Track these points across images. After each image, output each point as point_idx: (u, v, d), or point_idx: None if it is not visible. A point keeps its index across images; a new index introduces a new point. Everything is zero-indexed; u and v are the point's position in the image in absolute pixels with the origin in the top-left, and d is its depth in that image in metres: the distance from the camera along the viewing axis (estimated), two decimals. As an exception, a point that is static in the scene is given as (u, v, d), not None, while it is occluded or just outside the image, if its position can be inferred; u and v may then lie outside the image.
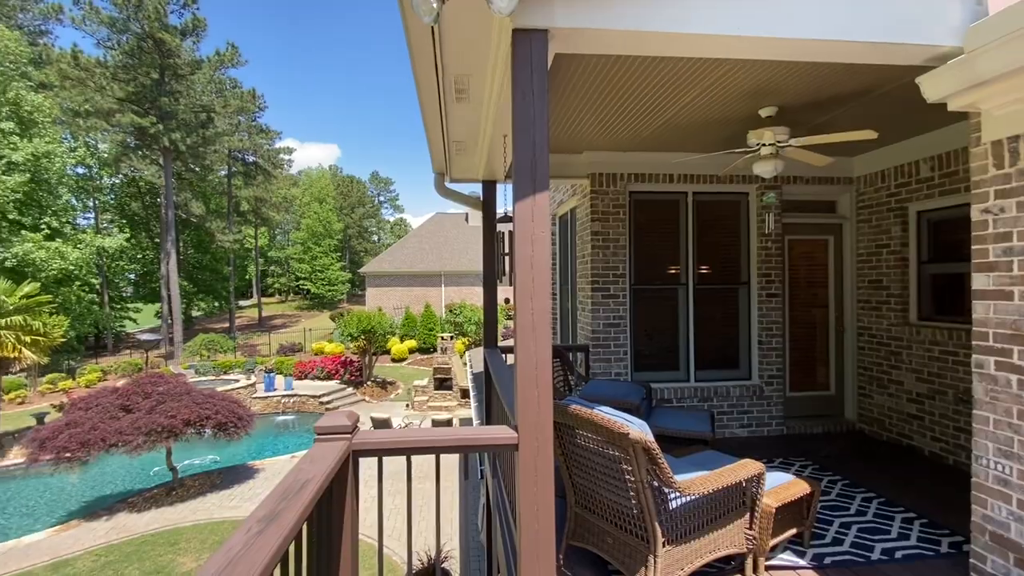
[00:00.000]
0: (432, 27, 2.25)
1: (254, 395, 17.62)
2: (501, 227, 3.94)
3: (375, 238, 73.81)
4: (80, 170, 30.88)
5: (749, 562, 2.56)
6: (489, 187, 4.97)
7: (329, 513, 1.83)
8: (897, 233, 4.85)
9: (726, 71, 3.11)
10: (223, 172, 39.75)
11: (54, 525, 9.85)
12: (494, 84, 2.77)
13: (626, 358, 5.10)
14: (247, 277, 55.18)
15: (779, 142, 3.72)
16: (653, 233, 5.29)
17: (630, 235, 5.18)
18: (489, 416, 4.65)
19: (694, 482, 2.28)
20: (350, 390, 18.93)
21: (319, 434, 1.92)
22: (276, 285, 61.57)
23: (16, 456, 13.00)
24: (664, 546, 2.24)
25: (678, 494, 2.28)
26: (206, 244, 39.24)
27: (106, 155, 32.09)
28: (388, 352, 24.61)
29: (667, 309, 5.28)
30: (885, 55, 2.21)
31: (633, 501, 2.28)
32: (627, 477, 2.27)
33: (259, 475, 11.81)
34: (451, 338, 18.74)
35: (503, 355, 4.61)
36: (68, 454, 9.28)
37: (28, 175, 23.15)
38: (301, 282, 52.29)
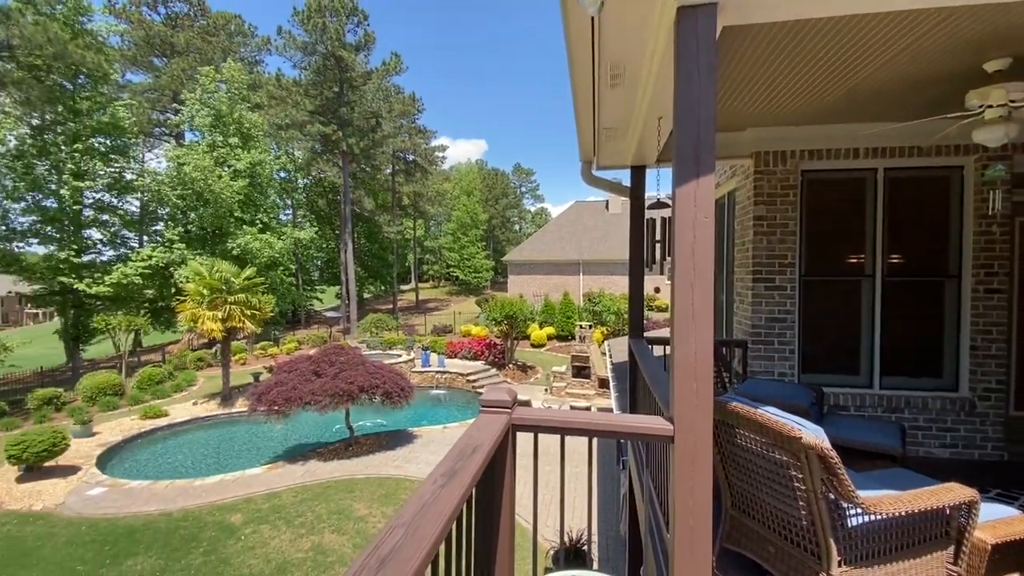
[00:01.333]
0: (592, 16, 2.26)
1: (413, 369, 19.65)
2: (652, 213, 3.82)
3: (517, 227, 76.46)
4: (282, 174, 37.09)
5: (953, 602, 2.18)
6: (638, 173, 4.84)
7: (492, 477, 2.00)
8: None
9: (940, 20, 2.60)
10: (388, 171, 44.52)
11: (266, 463, 12.19)
12: (652, 66, 2.69)
13: (792, 357, 4.60)
14: (407, 264, 61.42)
15: (1013, 102, 3.00)
16: (830, 217, 4.66)
17: (801, 219, 4.63)
18: (633, 407, 4.59)
19: (883, 500, 2.00)
20: (493, 371, 20.05)
21: (484, 406, 2.10)
22: (430, 272, 67.59)
23: (240, 405, 16.30)
24: (840, 566, 2.02)
25: (859, 511, 2.03)
26: (375, 235, 44.55)
27: (300, 160, 38.10)
28: (528, 337, 25.47)
29: (846, 303, 4.63)
30: None
31: (803, 512, 2.09)
32: (796, 485, 2.08)
33: (416, 441, 13.18)
34: (589, 327, 18.72)
35: (650, 346, 4.49)
36: (276, 407, 11.38)
37: (247, 180, 28.56)
38: (451, 269, 56.55)
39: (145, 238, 29.94)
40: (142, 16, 34.14)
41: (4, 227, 24.28)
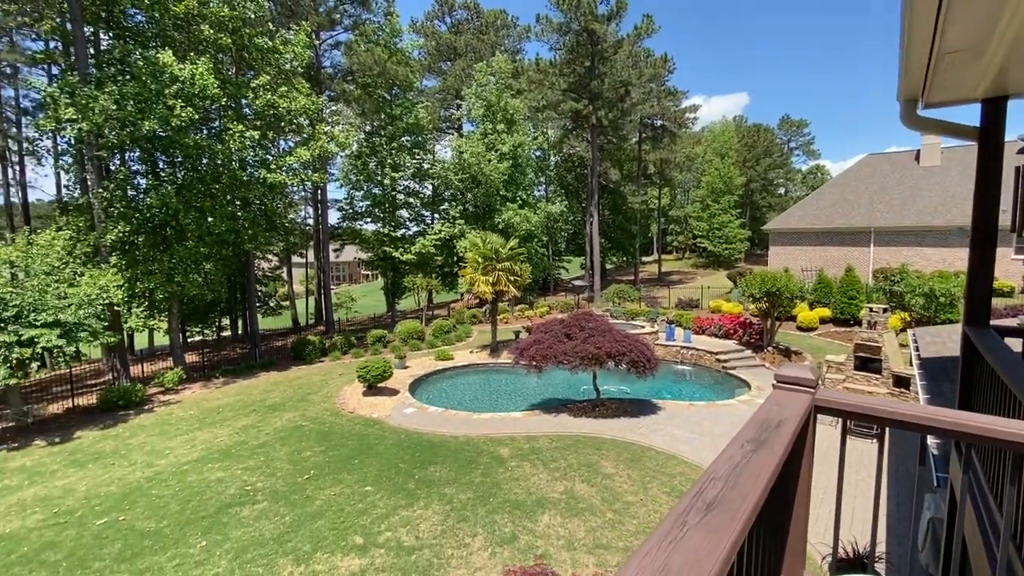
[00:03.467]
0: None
1: (656, 342, 19.41)
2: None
3: (781, 191, 66.73)
4: (537, 153, 40.35)
5: None
6: (993, 106, 3.63)
7: (790, 459, 1.85)
8: None
9: None
10: (634, 139, 43.96)
11: (525, 410, 13.92)
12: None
13: None
14: (649, 235, 60.27)
15: None
16: None
17: None
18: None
19: None
20: (748, 352, 18.25)
21: (779, 382, 1.94)
22: (674, 243, 64.91)
23: (504, 357, 18.86)
24: None
25: None
26: (619, 206, 44.90)
27: (552, 139, 40.75)
28: (793, 319, 22.25)
29: None
30: None
31: None
32: None
33: (660, 413, 13.10)
34: (884, 311, 15.13)
35: (1002, 338, 3.40)
36: (534, 363, 12.80)
37: (511, 161, 32.02)
38: (698, 240, 53.08)
39: (436, 216, 36.66)
40: (434, 28, 41.04)
41: (351, 210, 33.03)
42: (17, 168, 30.61)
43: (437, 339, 23.30)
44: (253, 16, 19.47)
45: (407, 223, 34.69)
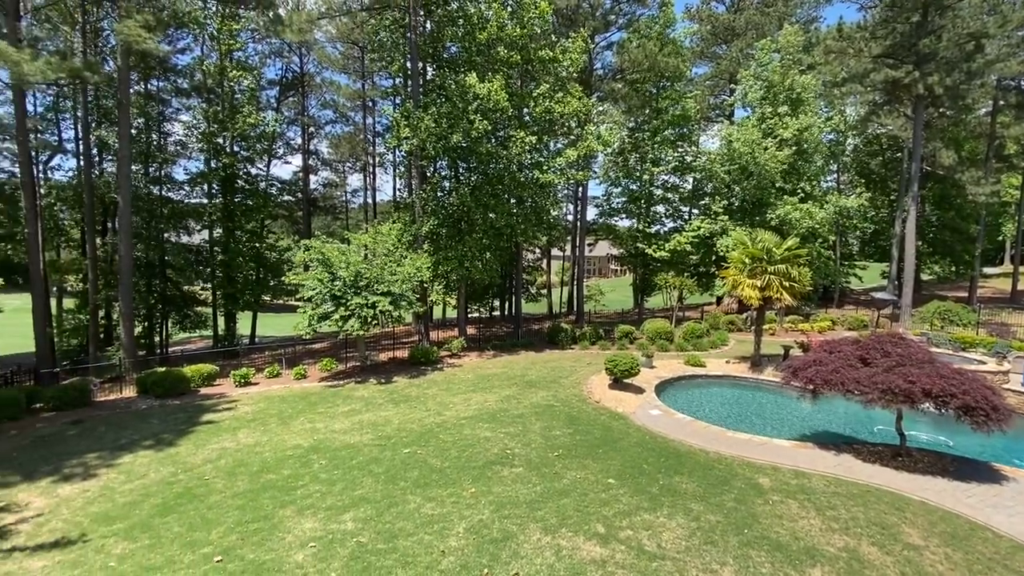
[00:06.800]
0: None
1: (1004, 385, 14.13)
2: None
3: None
4: (829, 137, 33.87)
5: None
6: None
7: None
8: None
9: None
10: (984, 110, 32.82)
11: (792, 439, 11.90)
12: None
13: None
14: (999, 239, 44.22)
15: None
16: None
17: None
18: None
19: None
20: None
21: None
22: (1044, 250, 46.10)
23: (769, 374, 16.58)
24: None
25: None
26: (950, 199, 34.31)
27: (852, 118, 33.58)
28: None
29: None
30: None
31: None
32: None
33: (1007, 484, 9.45)
34: None
35: None
36: (812, 386, 10.79)
37: (793, 148, 27.74)
38: (1093, 247, 36.50)
39: (695, 211, 34.58)
40: (710, 11, 38.38)
41: (608, 206, 33.83)
42: (371, 176, 41.41)
43: (687, 342, 22.03)
44: (539, 31, 21.57)
45: (662, 219, 33.71)
